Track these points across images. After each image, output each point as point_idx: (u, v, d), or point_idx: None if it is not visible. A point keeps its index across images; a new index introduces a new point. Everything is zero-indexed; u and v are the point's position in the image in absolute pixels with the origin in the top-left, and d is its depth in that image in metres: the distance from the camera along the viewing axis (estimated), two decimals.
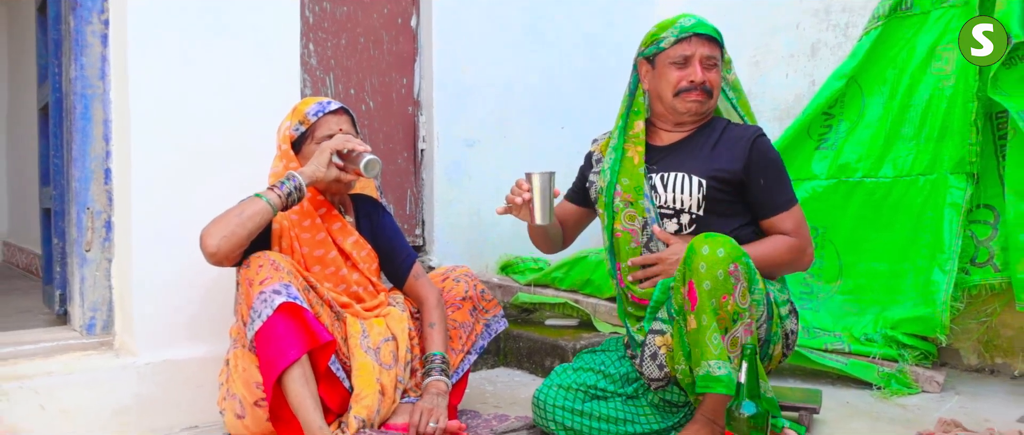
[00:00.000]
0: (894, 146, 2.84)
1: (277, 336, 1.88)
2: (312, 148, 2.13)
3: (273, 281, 1.90)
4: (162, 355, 2.24)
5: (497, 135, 3.50)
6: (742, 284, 1.82)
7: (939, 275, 2.63)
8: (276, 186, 1.99)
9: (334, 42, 3.13)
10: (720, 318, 1.80)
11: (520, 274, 3.39)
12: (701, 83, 2.07)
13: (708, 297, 1.80)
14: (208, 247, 1.91)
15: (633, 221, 2.10)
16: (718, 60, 2.11)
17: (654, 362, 1.98)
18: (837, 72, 2.98)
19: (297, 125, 2.15)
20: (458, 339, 2.26)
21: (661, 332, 1.98)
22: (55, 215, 2.46)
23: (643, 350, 2.01)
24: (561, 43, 3.66)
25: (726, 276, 1.79)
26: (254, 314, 1.89)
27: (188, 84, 2.28)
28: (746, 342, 1.82)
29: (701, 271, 1.81)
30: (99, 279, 2.33)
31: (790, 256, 2.05)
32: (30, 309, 3.20)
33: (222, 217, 1.95)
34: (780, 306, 2.03)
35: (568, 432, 2.06)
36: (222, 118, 2.32)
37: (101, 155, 2.31)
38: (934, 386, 2.56)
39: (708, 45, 2.08)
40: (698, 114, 2.12)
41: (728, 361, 1.80)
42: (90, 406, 2.13)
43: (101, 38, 2.29)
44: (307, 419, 1.88)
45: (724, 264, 1.80)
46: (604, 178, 2.17)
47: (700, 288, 1.81)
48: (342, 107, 2.19)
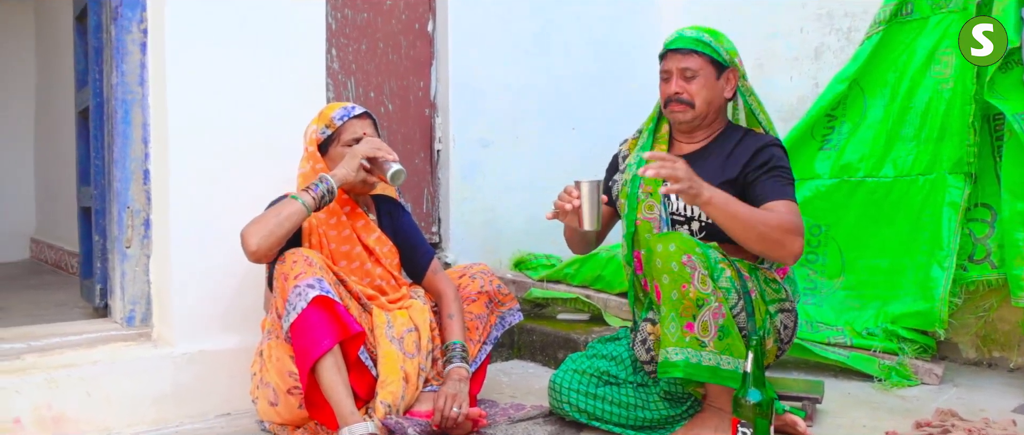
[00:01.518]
0: (895, 147, 2.92)
1: (311, 327, 1.98)
2: (338, 151, 2.25)
3: (307, 276, 2.01)
4: (197, 346, 2.35)
5: (510, 136, 3.60)
6: (699, 271, 1.93)
7: (938, 271, 2.71)
8: (310, 188, 2.10)
9: (355, 47, 3.24)
10: (685, 307, 1.92)
11: (533, 270, 3.48)
12: (674, 95, 2.18)
13: (668, 290, 1.94)
14: (249, 246, 2.03)
15: (652, 211, 2.21)
16: (700, 70, 2.16)
17: (643, 346, 2.15)
18: (840, 75, 3.05)
19: (323, 128, 2.27)
20: (475, 330, 2.36)
21: (653, 321, 2.13)
22: (96, 213, 2.57)
23: (635, 335, 2.17)
24: (571, 48, 3.76)
25: (680, 267, 1.92)
26: (289, 307, 1.99)
27: (221, 89, 2.39)
28: (722, 325, 1.92)
29: (658, 267, 1.95)
30: (138, 274, 2.45)
31: (776, 227, 1.99)
32: (66, 302, 3.32)
33: (261, 218, 2.07)
34: (769, 303, 2.12)
35: (582, 415, 2.16)
36: (253, 121, 2.43)
37: (140, 157, 2.43)
38: (933, 378, 2.64)
39: (685, 57, 2.17)
40: (686, 124, 2.21)
41: (695, 347, 1.91)
42: (131, 394, 2.25)
43: (140, 46, 2.40)
44: (339, 404, 1.99)
45: (677, 256, 1.93)
46: (630, 171, 2.28)
47: (661, 283, 1.95)
48: (366, 112, 2.31)
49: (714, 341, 1.92)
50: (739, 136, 2.21)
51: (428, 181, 3.48)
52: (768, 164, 2.12)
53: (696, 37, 2.18)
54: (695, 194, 1.92)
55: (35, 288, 4.04)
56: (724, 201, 1.96)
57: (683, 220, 2.19)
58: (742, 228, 1.97)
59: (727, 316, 1.95)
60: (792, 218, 2.04)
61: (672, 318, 1.94)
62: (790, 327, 2.18)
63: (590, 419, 2.16)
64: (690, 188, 1.90)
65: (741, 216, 1.97)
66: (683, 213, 2.19)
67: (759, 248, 2.01)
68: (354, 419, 1.98)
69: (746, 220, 1.97)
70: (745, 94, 2.29)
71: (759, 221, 1.99)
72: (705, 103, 2.18)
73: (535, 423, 2.25)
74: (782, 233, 1.99)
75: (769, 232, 1.98)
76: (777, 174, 2.12)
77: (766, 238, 1.99)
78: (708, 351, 1.91)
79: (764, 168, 2.12)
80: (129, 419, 2.24)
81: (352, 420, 1.98)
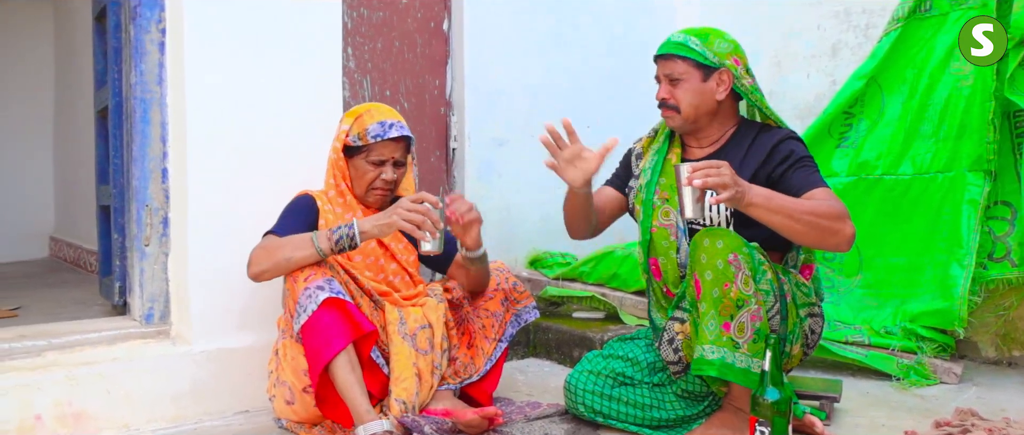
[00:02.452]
0: (913, 144, 2.90)
1: (323, 328, 1.99)
2: (363, 166, 2.25)
3: (317, 277, 2.02)
4: (215, 343, 2.37)
5: (526, 135, 3.60)
6: (743, 272, 1.90)
7: (957, 270, 2.69)
8: (331, 234, 2.04)
9: (371, 46, 3.25)
10: (724, 306, 1.90)
11: (548, 268, 3.49)
12: (660, 100, 2.18)
13: (710, 286, 1.90)
14: (252, 271, 2.08)
15: (668, 217, 2.18)
16: (684, 75, 2.13)
17: (670, 346, 2.11)
18: (857, 72, 3.04)
19: (355, 137, 2.26)
20: (491, 328, 2.35)
21: (681, 320, 2.09)
22: (115, 212, 2.59)
23: (662, 334, 2.13)
24: (586, 46, 3.75)
25: (726, 265, 1.89)
26: (300, 309, 2.00)
27: (239, 88, 2.40)
28: (758, 328, 1.90)
29: (702, 262, 1.92)
30: (157, 272, 2.47)
31: (825, 214, 1.93)
32: (84, 300, 3.35)
33: (272, 249, 2.07)
34: (800, 307, 2.10)
35: (597, 415, 2.16)
36: (270, 119, 2.45)
37: (158, 155, 2.44)
38: (952, 377, 2.62)
39: (669, 63, 2.16)
40: (677, 129, 2.21)
41: (730, 347, 1.89)
42: (150, 391, 2.26)
43: (159, 46, 2.42)
44: (355, 403, 1.99)
45: (723, 254, 1.89)
46: (645, 177, 2.26)
47: (703, 279, 1.92)
48: (402, 135, 2.25)
49: (748, 343, 1.90)
50: (754, 134, 2.17)
51: (443, 179, 3.49)
52: (791, 157, 2.07)
53: (680, 41, 2.15)
54: (739, 198, 1.86)
55: (54, 286, 4.08)
56: (767, 198, 1.90)
57: (699, 225, 2.16)
58: (791, 221, 1.90)
59: (764, 319, 1.93)
60: (837, 203, 1.97)
61: (712, 316, 1.91)
62: (817, 331, 2.16)
63: (605, 419, 2.16)
64: (737, 193, 1.85)
65: (788, 209, 1.90)
66: (704, 222, 2.15)
67: (811, 239, 1.94)
68: (370, 417, 1.99)
69: (793, 213, 1.90)
70: (746, 93, 2.19)
71: (807, 211, 1.92)
72: (691, 107, 2.14)
73: (551, 421, 2.25)
74: (831, 220, 1.92)
75: (818, 221, 1.91)
76: (803, 164, 2.07)
77: (817, 227, 1.91)
78: (741, 353, 1.89)
79: (788, 162, 2.07)
80: (148, 416, 2.26)
81: (368, 418, 1.98)
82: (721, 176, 1.83)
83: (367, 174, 2.26)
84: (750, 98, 2.20)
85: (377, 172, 2.26)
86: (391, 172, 2.27)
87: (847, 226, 1.94)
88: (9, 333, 2.34)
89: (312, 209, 2.23)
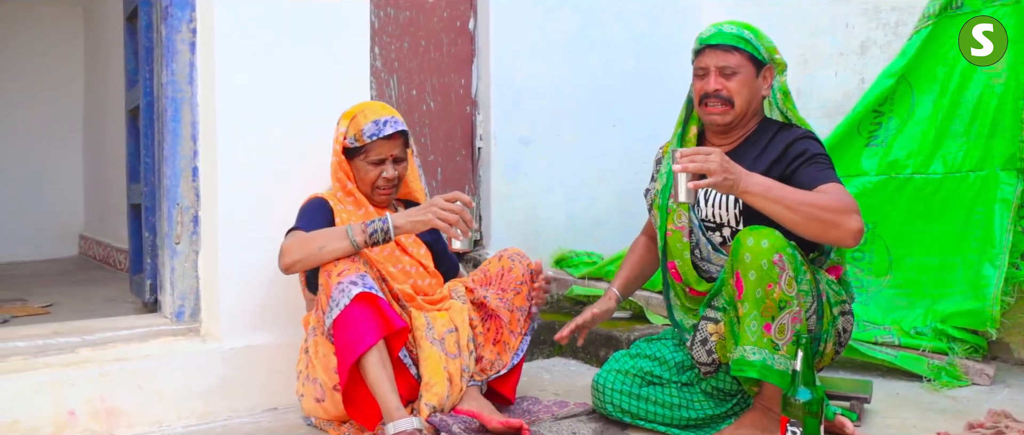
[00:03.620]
0: (944, 143, 2.87)
1: (355, 322, 1.99)
2: (364, 166, 2.26)
3: (351, 272, 2.03)
4: (244, 341, 2.38)
5: (551, 134, 3.60)
6: (787, 273, 1.88)
7: (989, 269, 2.66)
8: (366, 227, 2.07)
9: (397, 45, 3.27)
10: (766, 307, 1.87)
11: (574, 268, 3.48)
12: (713, 91, 2.09)
13: (754, 286, 1.87)
14: (284, 263, 2.08)
15: (680, 219, 2.16)
16: (739, 67, 2.08)
17: (703, 347, 2.08)
18: (887, 70, 3.02)
19: (352, 138, 2.27)
20: (516, 322, 2.34)
21: (715, 320, 2.06)
22: (146, 210, 2.62)
23: (694, 334, 2.10)
24: (611, 44, 3.74)
25: (770, 265, 1.86)
26: (332, 303, 2.01)
27: (268, 87, 2.42)
28: (797, 330, 1.89)
29: (746, 261, 1.88)
30: (187, 270, 2.49)
31: (826, 207, 1.88)
32: (115, 297, 3.40)
33: (305, 241, 2.08)
34: (833, 306, 2.08)
35: (625, 415, 2.16)
36: (299, 119, 2.46)
37: (189, 154, 2.47)
38: (984, 379, 2.59)
39: (723, 54, 2.08)
40: (722, 125, 2.13)
41: (770, 349, 1.87)
42: (181, 388, 2.28)
43: (190, 46, 2.44)
44: (385, 400, 2.00)
45: (768, 254, 1.86)
46: (660, 181, 2.24)
47: (746, 278, 1.89)
48: (397, 131, 2.27)
49: (787, 346, 1.88)
50: (772, 132, 2.14)
51: (469, 179, 3.50)
52: (804, 155, 2.03)
53: (737, 33, 2.10)
54: (731, 185, 1.82)
55: (85, 284, 4.13)
56: (764, 187, 1.86)
57: (714, 226, 2.14)
58: (789, 212, 1.85)
59: (803, 322, 1.91)
60: (843, 196, 1.92)
61: (754, 316, 1.89)
62: (848, 330, 2.14)
63: (633, 419, 2.15)
64: (726, 180, 1.81)
65: (787, 200, 1.86)
66: (713, 220, 2.14)
67: (812, 231, 1.88)
68: (400, 414, 1.99)
69: (792, 203, 1.86)
70: (776, 90, 2.18)
71: (807, 202, 1.87)
72: (745, 102, 2.10)
73: (578, 421, 2.25)
74: (833, 212, 1.87)
75: (820, 213, 1.86)
76: (816, 161, 2.03)
77: (817, 219, 1.86)
78: (780, 355, 1.87)
79: (801, 159, 2.03)
80: (179, 413, 2.28)
81: (398, 415, 1.99)
82: (708, 162, 1.80)
83: (369, 174, 2.27)
84: (776, 96, 2.19)
85: (378, 171, 2.27)
86: (391, 169, 2.28)
87: (852, 220, 1.87)
88: (43, 330, 2.38)
89: (327, 209, 2.25)
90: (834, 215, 1.87)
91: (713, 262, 2.13)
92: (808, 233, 1.90)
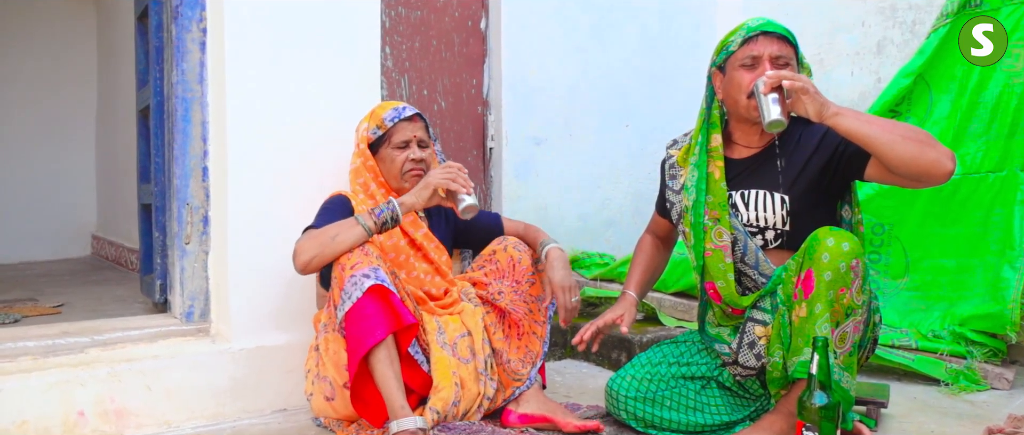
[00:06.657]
0: (963, 143, 2.83)
1: (366, 316, 1.98)
2: (389, 153, 2.26)
3: (363, 266, 2.01)
4: (254, 342, 2.37)
5: (563, 134, 3.58)
6: (859, 280, 1.83)
7: (1009, 272, 2.63)
8: (374, 212, 2.09)
9: (409, 45, 3.25)
10: (834, 311, 1.82)
11: (586, 269, 3.46)
12: None
13: (826, 287, 1.82)
14: (299, 261, 2.06)
15: (722, 238, 2.06)
16: (790, 60, 2.01)
17: (751, 351, 2.01)
18: (904, 69, 2.98)
19: (375, 129, 2.28)
20: (538, 311, 2.32)
21: (764, 322, 2.00)
22: (156, 210, 2.61)
23: (741, 337, 2.03)
24: (624, 44, 3.72)
25: (847, 270, 1.81)
26: (345, 296, 1.99)
27: (279, 87, 2.41)
28: (855, 341, 1.85)
29: (823, 261, 1.82)
30: (197, 270, 2.48)
31: (918, 129, 1.85)
32: (125, 297, 3.40)
33: (317, 235, 2.07)
34: (873, 313, 2.04)
35: (640, 422, 2.12)
36: (310, 118, 2.45)
37: (199, 154, 2.46)
38: (1003, 383, 2.55)
39: (777, 43, 1.99)
40: None
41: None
42: (190, 388, 2.28)
43: (200, 45, 2.43)
44: (390, 397, 1.99)
45: (848, 258, 1.81)
46: (690, 196, 2.11)
47: (820, 277, 1.82)
48: (417, 113, 2.30)
49: (845, 355, 1.85)
50: (800, 128, 2.07)
51: (480, 178, 3.48)
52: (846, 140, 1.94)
53: (784, 26, 2.04)
54: (821, 106, 1.82)
55: (96, 284, 4.14)
56: (854, 111, 1.84)
57: (757, 230, 2.06)
58: (885, 132, 1.79)
59: (861, 332, 1.88)
60: None
61: (825, 318, 1.83)
62: (876, 337, 2.11)
63: (647, 427, 2.12)
64: (818, 98, 1.82)
65: (881, 120, 1.82)
66: (755, 224, 2.06)
67: (909, 152, 1.77)
68: (404, 413, 1.98)
69: (887, 123, 1.81)
70: None
71: (900, 124, 1.83)
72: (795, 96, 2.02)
73: None
74: (928, 135, 1.82)
75: (915, 133, 1.81)
76: None
77: (915, 139, 1.79)
78: (836, 364, 1.84)
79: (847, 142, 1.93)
80: (188, 414, 2.27)
81: (402, 414, 1.98)
82: (805, 81, 1.82)
83: (396, 159, 2.26)
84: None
85: (405, 155, 2.26)
86: (417, 150, 2.27)
87: (945, 151, 1.80)
88: (53, 330, 2.37)
89: (347, 207, 2.24)
90: (929, 137, 1.82)
91: (762, 271, 2.03)
92: (904, 154, 1.78)
